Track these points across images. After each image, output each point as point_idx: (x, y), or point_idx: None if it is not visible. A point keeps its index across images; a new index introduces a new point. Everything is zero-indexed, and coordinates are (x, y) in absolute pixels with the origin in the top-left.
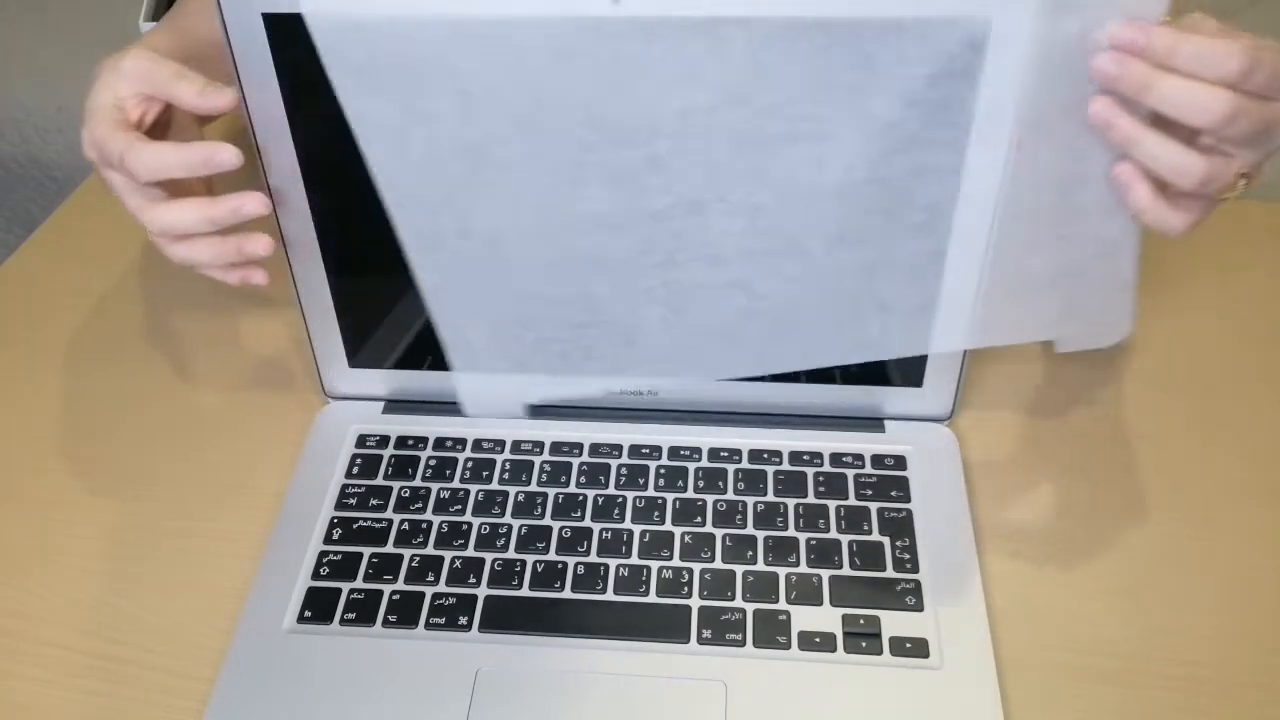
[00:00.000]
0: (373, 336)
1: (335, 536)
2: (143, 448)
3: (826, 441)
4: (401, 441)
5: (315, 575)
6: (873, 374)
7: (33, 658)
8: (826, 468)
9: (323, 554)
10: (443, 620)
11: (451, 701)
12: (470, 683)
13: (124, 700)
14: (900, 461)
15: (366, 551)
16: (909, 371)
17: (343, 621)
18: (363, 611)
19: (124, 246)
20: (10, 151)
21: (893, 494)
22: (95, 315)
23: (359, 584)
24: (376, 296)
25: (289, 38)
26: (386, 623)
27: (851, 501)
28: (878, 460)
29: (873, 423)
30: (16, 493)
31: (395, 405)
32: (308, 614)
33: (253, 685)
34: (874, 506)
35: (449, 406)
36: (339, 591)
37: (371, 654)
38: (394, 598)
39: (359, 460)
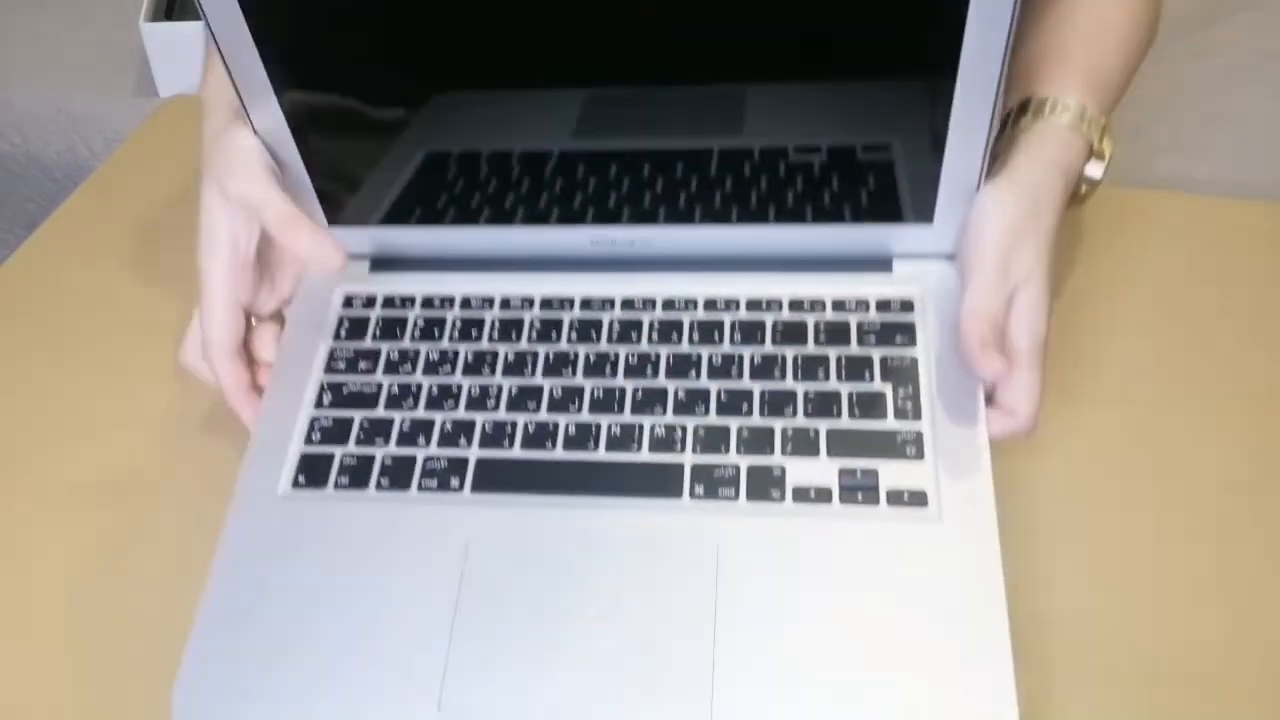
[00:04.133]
0: (353, 191)
1: (325, 401)
2: (142, 448)
3: (830, 286)
4: (389, 301)
5: (307, 441)
6: (880, 209)
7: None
8: (828, 315)
9: (314, 419)
10: (434, 483)
11: (445, 561)
12: (463, 542)
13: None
14: (907, 305)
15: (357, 416)
16: (919, 205)
17: (336, 486)
18: (355, 475)
19: (123, 246)
20: (10, 151)
21: (898, 340)
22: (95, 315)
23: (351, 448)
24: (353, 149)
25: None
26: (379, 486)
27: (853, 350)
28: (883, 305)
29: (880, 263)
30: (16, 490)
31: (382, 264)
32: (301, 479)
33: (251, 550)
34: (877, 354)
35: (437, 263)
36: (331, 456)
37: (366, 516)
38: (386, 461)
39: (346, 322)
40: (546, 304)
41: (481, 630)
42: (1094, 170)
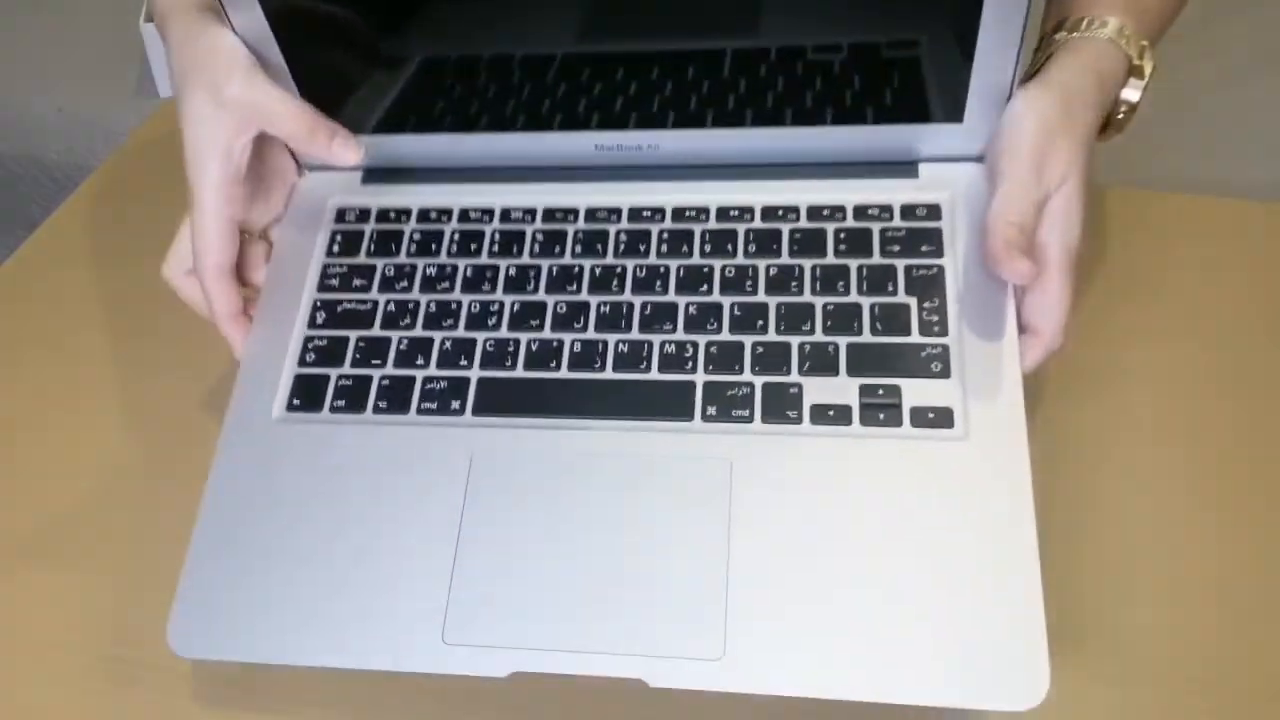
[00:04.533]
0: (343, 98)
1: (319, 320)
2: (142, 447)
3: (851, 192)
4: (383, 215)
5: (302, 362)
6: (905, 108)
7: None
8: (849, 223)
9: (308, 339)
10: (434, 405)
11: (447, 487)
12: (465, 468)
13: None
14: (934, 211)
15: (353, 335)
16: (948, 102)
17: (332, 409)
18: (352, 398)
19: (124, 246)
20: (10, 151)
21: (923, 249)
22: (95, 315)
23: (347, 369)
24: (342, 51)
25: None
26: (377, 409)
27: (876, 260)
28: (908, 211)
29: (905, 167)
30: (15, 488)
31: (375, 175)
32: (296, 402)
33: (245, 475)
34: (901, 264)
35: (433, 174)
36: (327, 378)
37: (364, 440)
38: (384, 383)
39: (339, 237)
40: (549, 215)
41: (485, 559)
42: (1131, 93)
